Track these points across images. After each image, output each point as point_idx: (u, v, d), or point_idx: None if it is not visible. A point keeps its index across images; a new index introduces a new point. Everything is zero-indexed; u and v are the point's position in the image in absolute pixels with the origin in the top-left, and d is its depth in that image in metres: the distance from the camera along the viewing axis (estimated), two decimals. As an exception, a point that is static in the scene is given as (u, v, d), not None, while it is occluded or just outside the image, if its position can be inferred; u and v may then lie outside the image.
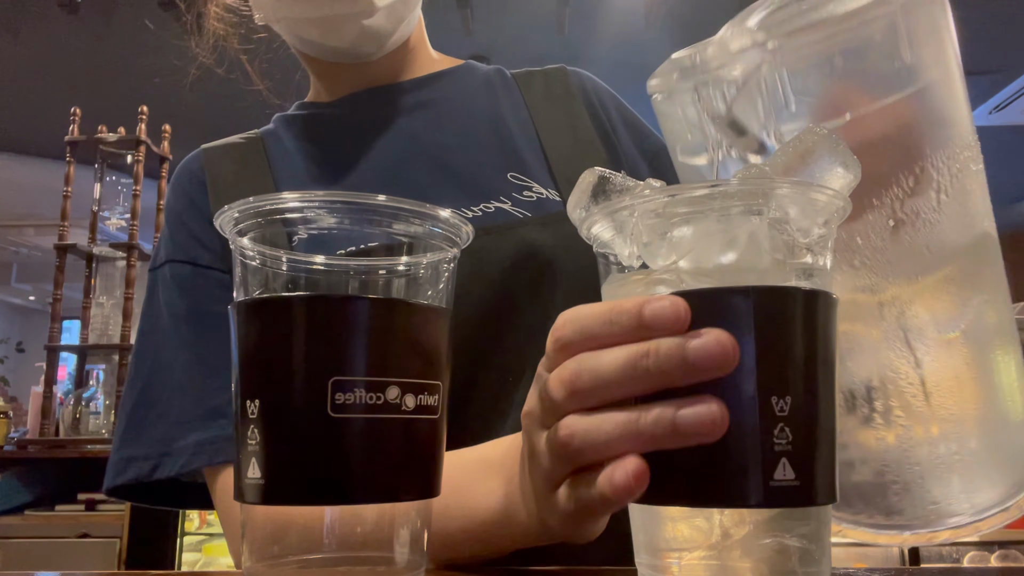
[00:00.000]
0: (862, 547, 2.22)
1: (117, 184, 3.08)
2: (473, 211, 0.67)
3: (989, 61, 4.06)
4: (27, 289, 8.45)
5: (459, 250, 0.40)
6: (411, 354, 0.35)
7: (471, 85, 0.79)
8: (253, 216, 0.36)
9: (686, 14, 3.67)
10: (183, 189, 0.72)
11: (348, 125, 0.76)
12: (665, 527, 0.35)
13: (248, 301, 0.36)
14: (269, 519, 0.36)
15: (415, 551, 0.37)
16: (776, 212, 0.33)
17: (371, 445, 0.33)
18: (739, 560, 0.33)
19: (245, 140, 0.76)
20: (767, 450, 0.31)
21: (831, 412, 0.33)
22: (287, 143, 0.75)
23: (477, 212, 0.67)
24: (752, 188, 0.33)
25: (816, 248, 0.35)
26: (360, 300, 0.34)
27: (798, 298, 0.32)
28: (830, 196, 0.34)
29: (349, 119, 0.76)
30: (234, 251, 0.38)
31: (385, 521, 0.36)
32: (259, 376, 0.34)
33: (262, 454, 0.33)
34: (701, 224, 0.34)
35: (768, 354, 0.31)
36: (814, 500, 0.31)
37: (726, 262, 0.33)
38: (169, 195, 0.74)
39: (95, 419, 2.69)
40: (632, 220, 0.35)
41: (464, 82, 0.79)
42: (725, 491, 0.31)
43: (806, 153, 0.35)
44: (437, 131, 0.74)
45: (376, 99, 0.77)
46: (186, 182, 0.73)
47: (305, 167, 0.73)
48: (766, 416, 0.31)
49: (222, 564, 2.45)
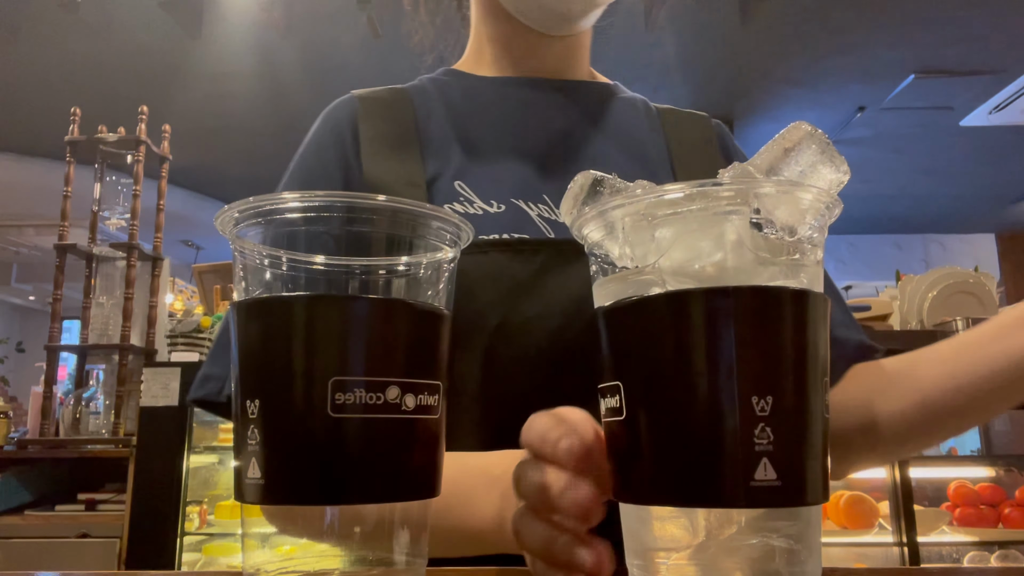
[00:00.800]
0: (862, 547, 2.22)
1: (117, 184, 3.08)
2: None
3: (989, 61, 4.06)
4: (27, 289, 8.44)
5: (459, 250, 0.40)
6: (411, 354, 0.35)
7: (621, 103, 0.82)
8: (253, 216, 0.36)
9: (686, 14, 3.67)
10: (337, 127, 0.74)
11: (511, 102, 0.77)
12: (654, 527, 0.35)
13: (248, 301, 0.36)
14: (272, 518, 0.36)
15: (415, 551, 0.37)
16: (760, 211, 0.33)
17: (371, 445, 0.33)
18: (726, 560, 0.33)
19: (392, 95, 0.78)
20: (747, 450, 0.30)
21: (818, 412, 0.32)
22: (433, 104, 0.77)
23: None
24: (736, 188, 0.33)
25: (804, 247, 0.35)
26: (360, 300, 0.34)
27: (780, 298, 0.32)
28: (815, 195, 0.33)
29: (512, 97, 0.78)
30: (234, 251, 0.38)
31: (385, 521, 0.36)
32: (259, 376, 0.34)
33: (262, 454, 0.33)
34: (684, 224, 0.34)
35: (749, 354, 0.31)
36: (797, 500, 0.31)
37: (708, 262, 0.33)
38: (320, 127, 0.75)
39: (95, 419, 2.69)
40: (621, 220, 0.35)
41: (615, 98, 0.82)
42: (707, 491, 0.31)
43: (791, 149, 0.35)
44: (587, 133, 0.77)
45: (541, 86, 0.79)
46: (344, 122, 0.74)
47: (455, 134, 0.74)
48: (746, 416, 0.31)
49: (222, 564, 2.45)
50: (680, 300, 0.32)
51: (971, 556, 2.24)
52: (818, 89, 4.46)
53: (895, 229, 6.91)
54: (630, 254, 0.36)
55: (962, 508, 2.27)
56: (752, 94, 4.55)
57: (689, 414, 0.32)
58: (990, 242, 7.00)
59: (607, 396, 0.35)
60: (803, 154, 0.35)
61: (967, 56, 4.02)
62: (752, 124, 4.89)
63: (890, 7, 3.60)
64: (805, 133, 0.35)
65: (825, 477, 0.33)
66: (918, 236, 7.07)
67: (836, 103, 4.63)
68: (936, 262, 6.82)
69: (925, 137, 5.06)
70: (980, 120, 4.71)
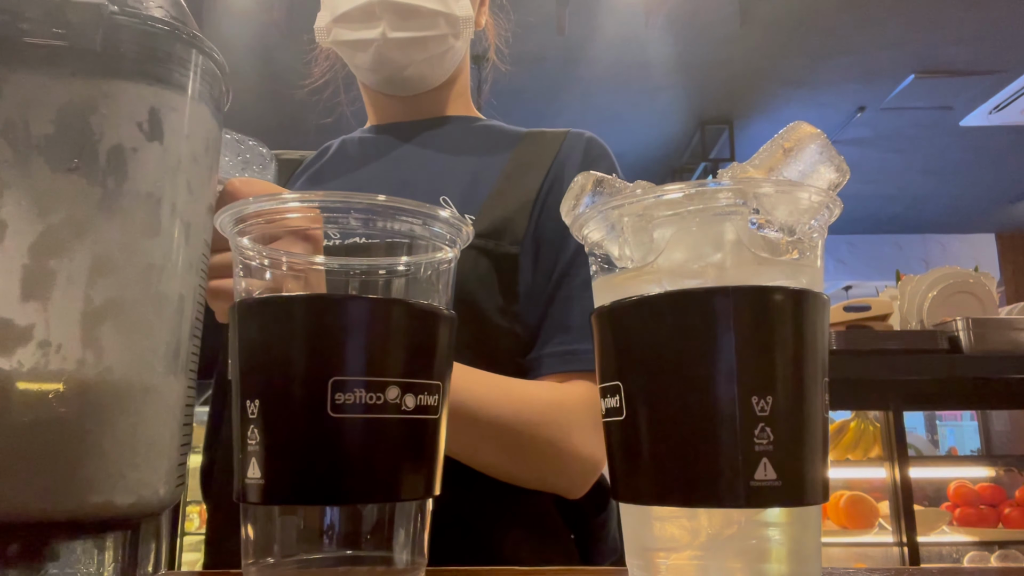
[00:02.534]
0: (862, 547, 2.22)
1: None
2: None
3: (989, 61, 4.06)
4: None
5: (459, 250, 0.40)
6: (411, 354, 0.35)
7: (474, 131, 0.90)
8: (253, 216, 0.36)
9: (686, 14, 3.67)
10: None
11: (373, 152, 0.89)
12: (654, 527, 0.35)
13: (248, 301, 0.36)
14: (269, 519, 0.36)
15: (415, 551, 0.37)
16: (759, 211, 0.33)
17: (371, 445, 0.33)
18: (726, 560, 0.33)
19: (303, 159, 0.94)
20: (747, 450, 0.30)
21: (817, 412, 0.32)
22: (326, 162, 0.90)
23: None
24: (735, 187, 0.33)
25: (803, 247, 0.35)
26: (360, 300, 0.34)
27: (780, 297, 0.32)
28: (815, 194, 0.33)
29: (377, 146, 0.89)
30: (234, 251, 0.38)
31: (385, 521, 0.36)
32: (259, 376, 0.34)
33: (262, 454, 0.33)
34: (684, 224, 0.34)
35: (748, 354, 0.31)
36: (798, 500, 0.31)
37: (706, 262, 0.33)
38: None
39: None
40: (621, 220, 0.35)
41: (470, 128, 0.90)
42: (706, 491, 0.31)
43: (790, 149, 0.35)
44: (421, 169, 0.85)
45: (399, 131, 0.90)
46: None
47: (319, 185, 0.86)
48: (746, 416, 0.31)
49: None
50: (680, 300, 0.32)
51: (971, 556, 2.24)
52: (818, 89, 4.46)
53: (895, 229, 6.91)
54: (630, 254, 0.36)
55: (962, 508, 2.27)
56: (751, 95, 4.55)
57: (689, 414, 0.32)
58: (990, 242, 6.99)
59: (607, 396, 0.35)
60: (803, 154, 0.35)
61: (967, 56, 4.02)
62: (751, 124, 4.89)
63: (890, 7, 3.59)
64: (805, 133, 0.35)
65: (825, 477, 0.33)
66: (918, 236, 7.06)
67: (836, 103, 4.63)
68: (936, 262, 6.82)
69: (925, 137, 5.06)
70: (980, 120, 4.71)
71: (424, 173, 0.84)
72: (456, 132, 0.90)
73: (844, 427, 2.40)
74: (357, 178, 0.86)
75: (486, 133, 0.89)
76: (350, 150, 0.91)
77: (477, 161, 0.84)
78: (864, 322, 2.22)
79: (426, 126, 0.90)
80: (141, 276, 0.37)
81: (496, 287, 0.74)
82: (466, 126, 0.91)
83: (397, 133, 0.90)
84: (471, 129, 0.91)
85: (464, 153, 0.86)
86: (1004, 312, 2.31)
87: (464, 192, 0.79)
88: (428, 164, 0.86)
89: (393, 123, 0.91)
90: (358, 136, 0.93)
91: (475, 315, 0.71)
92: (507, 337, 0.74)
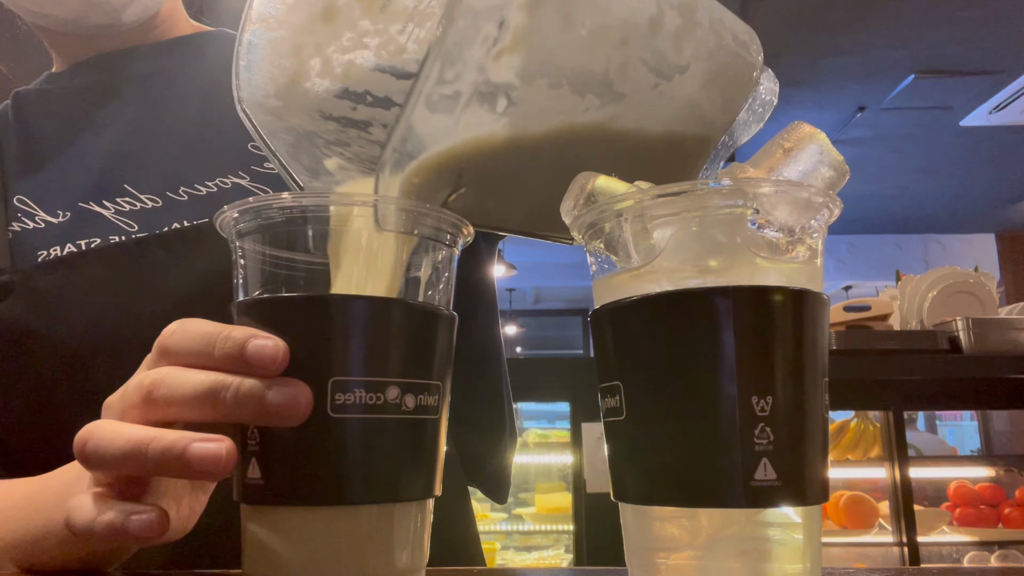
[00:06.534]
0: (862, 547, 2.22)
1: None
2: (208, 187, 0.62)
3: (989, 61, 4.06)
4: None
5: (459, 249, 0.40)
6: (411, 354, 0.35)
7: (217, 52, 0.71)
8: (252, 216, 0.36)
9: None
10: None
11: (74, 95, 0.69)
12: (653, 527, 0.35)
13: (248, 301, 0.36)
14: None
15: (415, 551, 0.37)
16: (759, 211, 0.33)
17: (371, 445, 0.33)
18: (726, 560, 0.33)
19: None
20: (748, 450, 0.30)
21: (817, 412, 0.33)
22: (14, 122, 0.69)
23: (212, 188, 0.62)
24: (735, 187, 0.33)
25: (803, 247, 0.35)
26: (360, 300, 0.34)
27: (780, 297, 0.32)
28: (815, 195, 0.33)
29: (75, 88, 0.70)
30: (234, 251, 0.38)
31: (385, 521, 0.36)
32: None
33: (262, 454, 0.33)
34: (683, 224, 0.34)
35: (748, 354, 0.31)
36: (798, 500, 0.31)
37: (706, 262, 0.33)
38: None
39: (95, 419, 2.68)
40: (621, 220, 0.35)
41: (210, 48, 0.73)
42: (706, 491, 0.31)
43: (790, 149, 0.35)
44: (176, 100, 0.68)
45: (104, 65, 0.70)
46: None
47: (30, 149, 0.67)
48: (746, 416, 0.31)
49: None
50: (680, 300, 0.32)
51: (971, 556, 2.24)
52: (818, 89, 4.46)
53: (895, 229, 6.91)
54: (630, 254, 0.36)
55: (962, 508, 2.27)
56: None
57: (689, 414, 0.32)
58: (990, 242, 6.99)
59: (607, 396, 0.35)
60: (803, 154, 0.35)
61: (967, 56, 4.02)
62: (752, 124, 4.89)
63: (890, 7, 3.59)
64: (804, 133, 0.35)
65: (825, 477, 0.33)
66: (918, 236, 7.06)
67: (836, 103, 4.62)
68: (936, 262, 6.82)
69: (925, 137, 5.06)
70: (980, 120, 4.71)
71: (190, 107, 0.66)
72: (201, 54, 0.71)
73: (844, 427, 2.40)
74: (100, 131, 0.66)
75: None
76: (50, 108, 0.69)
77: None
78: (864, 322, 2.23)
79: (149, 53, 0.70)
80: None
81: None
82: (210, 44, 0.73)
83: (109, 70, 0.69)
84: (220, 49, 0.71)
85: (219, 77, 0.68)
86: (1004, 312, 2.31)
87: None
88: (188, 104, 0.67)
89: (97, 56, 0.70)
90: (43, 88, 0.71)
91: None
92: None
